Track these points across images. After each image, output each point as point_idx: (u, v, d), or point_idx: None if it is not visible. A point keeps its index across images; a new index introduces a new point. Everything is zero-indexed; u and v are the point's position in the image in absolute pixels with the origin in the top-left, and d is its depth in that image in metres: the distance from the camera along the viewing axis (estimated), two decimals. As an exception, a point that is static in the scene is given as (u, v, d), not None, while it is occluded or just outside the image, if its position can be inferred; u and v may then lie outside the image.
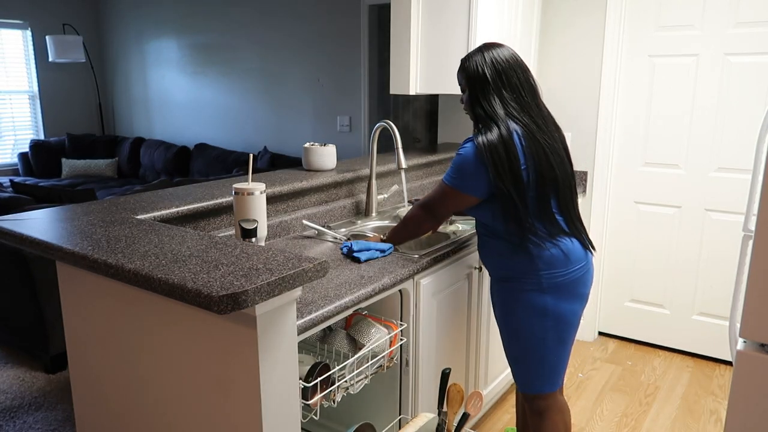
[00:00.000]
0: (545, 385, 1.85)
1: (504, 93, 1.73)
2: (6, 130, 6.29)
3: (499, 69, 1.74)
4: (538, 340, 1.79)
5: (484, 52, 1.77)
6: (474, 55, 1.79)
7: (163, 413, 1.47)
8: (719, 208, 3.02)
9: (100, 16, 6.67)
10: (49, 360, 2.97)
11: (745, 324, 1.32)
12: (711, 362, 3.16)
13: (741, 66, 2.84)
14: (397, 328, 1.84)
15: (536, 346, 1.80)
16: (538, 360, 1.82)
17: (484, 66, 1.75)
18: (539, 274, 1.74)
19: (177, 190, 2.09)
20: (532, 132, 1.71)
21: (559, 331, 1.79)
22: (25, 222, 1.57)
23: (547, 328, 1.78)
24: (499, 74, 1.74)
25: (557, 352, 1.81)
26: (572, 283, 1.77)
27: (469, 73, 1.78)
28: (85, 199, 3.56)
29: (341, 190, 2.53)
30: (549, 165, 1.71)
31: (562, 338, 1.80)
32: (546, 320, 1.77)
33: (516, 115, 1.72)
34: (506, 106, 1.72)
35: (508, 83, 1.74)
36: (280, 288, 1.17)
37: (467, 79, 1.79)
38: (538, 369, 1.83)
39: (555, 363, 1.83)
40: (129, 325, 1.48)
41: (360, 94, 4.80)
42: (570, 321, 1.80)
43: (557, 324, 1.78)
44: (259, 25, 5.26)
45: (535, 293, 1.75)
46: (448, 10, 2.74)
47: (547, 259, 1.73)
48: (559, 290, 1.76)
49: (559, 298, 1.76)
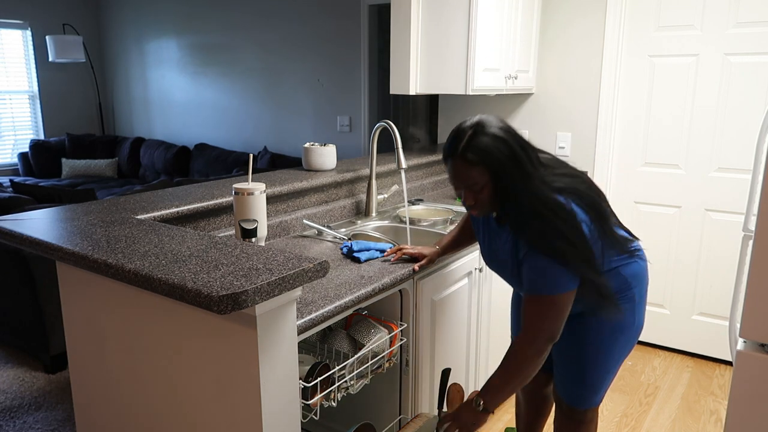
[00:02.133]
0: (601, 398, 1.81)
1: (535, 164, 1.48)
2: (6, 130, 6.28)
3: (518, 140, 1.48)
4: (619, 357, 1.72)
5: (486, 131, 1.45)
6: (481, 136, 1.44)
7: (164, 413, 1.47)
8: (719, 208, 3.02)
9: (100, 16, 6.67)
10: (49, 360, 2.97)
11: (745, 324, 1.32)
12: (711, 362, 3.16)
13: (741, 66, 2.84)
14: (397, 328, 1.84)
15: (614, 364, 1.73)
16: (610, 376, 1.75)
17: (506, 147, 1.44)
18: (632, 291, 1.66)
19: (177, 190, 2.09)
20: (576, 184, 1.53)
21: (635, 341, 1.74)
22: (25, 222, 1.57)
23: (629, 343, 1.71)
24: (522, 146, 1.47)
25: (620, 364, 1.77)
26: (647, 290, 1.73)
27: (494, 165, 1.44)
28: (85, 199, 3.56)
29: (341, 190, 2.53)
30: (598, 193, 1.58)
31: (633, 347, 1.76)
32: (633, 336, 1.70)
33: (559, 179, 1.51)
34: (546, 177, 1.48)
35: (529, 147, 1.50)
36: (280, 288, 1.17)
37: (495, 173, 1.44)
38: (606, 384, 1.77)
39: (615, 375, 1.79)
40: (129, 325, 1.48)
41: (360, 94, 4.80)
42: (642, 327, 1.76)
43: (637, 335, 1.72)
44: (259, 25, 5.26)
45: (630, 311, 1.67)
46: (448, 10, 2.74)
47: (635, 272, 1.66)
48: (643, 300, 1.70)
49: (641, 308, 1.71)
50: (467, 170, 1.45)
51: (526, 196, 1.44)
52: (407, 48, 2.84)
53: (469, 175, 1.45)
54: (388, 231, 2.46)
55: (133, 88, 6.55)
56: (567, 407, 1.83)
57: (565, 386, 1.80)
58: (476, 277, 2.28)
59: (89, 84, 6.75)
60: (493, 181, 1.45)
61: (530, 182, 1.44)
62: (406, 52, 2.85)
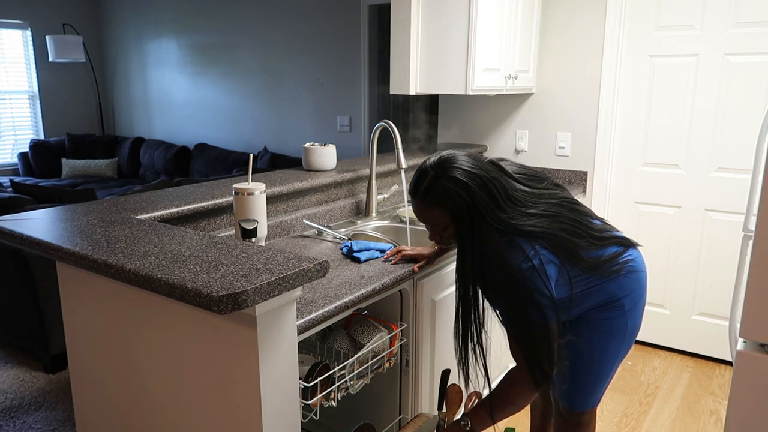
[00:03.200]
0: (598, 400, 1.81)
1: (502, 205, 1.46)
2: (6, 130, 6.29)
3: (483, 181, 1.45)
4: (612, 361, 1.72)
5: (441, 172, 1.46)
6: (434, 182, 1.46)
7: (164, 413, 1.47)
8: (719, 208, 3.02)
9: (100, 16, 6.67)
10: (49, 360, 2.97)
11: (745, 324, 1.32)
12: (711, 362, 3.16)
13: (741, 66, 2.84)
14: (397, 328, 1.84)
15: (608, 368, 1.74)
16: (605, 379, 1.76)
17: (465, 190, 1.44)
18: (621, 301, 1.65)
19: (177, 190, 2.09)
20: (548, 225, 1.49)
21: (629, 346, 1.74)
22: (25, 222, 1.57)
23: (622, 348, 1.71)
24: (487, 188, 1.45)
25: (617, 367, 1.78)
26: (644, 294, 1.72)
27: (452, 204, 1.45)
28: (85, 199, 3.56)
29: (341, 190, 2.53)
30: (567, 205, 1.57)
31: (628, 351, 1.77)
32: (624, 341, 1.71)
33: (529, 219, 1.48)
34: (515, 219, 1.46)
35: (497, 192, 1.47)
36: (280, 288, 1.17)
37: (453, 212, 1.46)
38: (601, 387, 1.78)
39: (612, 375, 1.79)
40: (129, 325, 1.48)
41: (360, 94, 4.80)
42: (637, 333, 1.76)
43: (631, 340, 1.73)
44: (259, 25, 5.26)
45: (620, 318, 1.66)
46: (448, 10, 2.74)
47: (622, 284, 1.64)
48: (637, 307, 1.70)
49: (636, 314, 1.71)
50: (428, 211, 1.49)
51: (484, 241, 1.44)
52: (407, 48, 2.84)
53: (430, 215, 1.49)
54: (388, 231, 2.46)
55: (133, 88, 6.55)
56: (564, 410, 1.84)
57: (561, 389, 1.81)
58: (476, 277, 2.28)
59: (89, 84, 6.75)
60: (454, 222, 1.47)
61: (487, 227, 1.44)
62: (406, 52, 2.85)
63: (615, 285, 1.64)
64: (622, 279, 1.65)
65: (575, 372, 1.75)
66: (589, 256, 1.58)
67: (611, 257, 1.64)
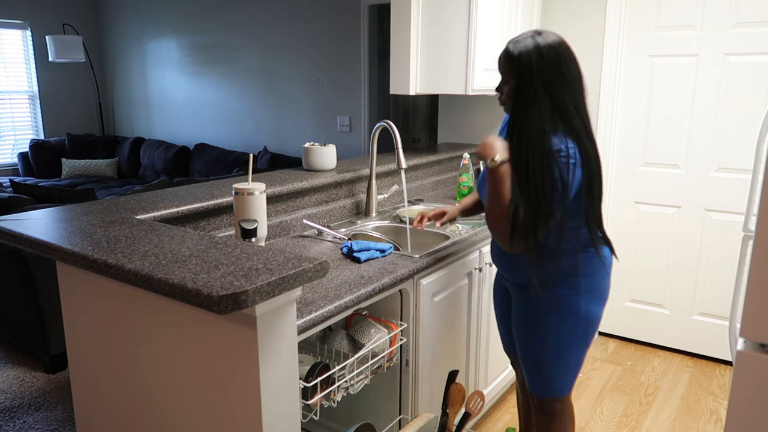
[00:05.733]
0: (565, 389, 1.84)
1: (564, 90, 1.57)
2: (6, 130, 6.28)
3: (556, 59, 1.55)
4: (568, 344, 1.77)
5: (538, 39, 1.56)
6: (526, 41, 1.57)
7: (164, 413, 1.47)
8: (719, 208, 3.02)
9: (100, 16, 6.67)
10: (49, 360, 2.97)
11: (745, 324, 1.32)
12: (711, 362, 3.16)
13: (741, 66, 2.84)
14: (397, 328, 1.84)
15: (565, 351, 1.78)
16: (564, 365, 1.80)
17: (541, 57, 1.54)
18: (579, 279, 1.71)
19: (177, 190, 2.09)
20: (587, 132, 1.61)
21: (587, 335, 1.78)
22: (25, 222, 1.57)
23: (577, 333, 1.76)
24: (559, 67, 1.56)
25: (581, 355, 1.81)
26: (604, 288, 1.78)
27: (522, 65, 1.56)
28: (85, 199, 3.56)
29: (341, 190, 2.53)
30: (599, 171, 1.66)
31: (588, 342, 1.80)
32: (579, 324, 1.75)
33: (571, 115, 1.59)
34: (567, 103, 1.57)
35: (567, 78, 1.57)
36: (280, 288, 1.17)
37: (520, 72, 1.57)
38: (562, 373, 1.81)
39: (576, 366, 1.82)
40: (129, 325, 1.48)
41: (360, 94, 4.80)
42: (596, 325, 1.80)
43: (587, 328, 1.77)
44: (259, 25, 5.26)
45: (573, 298, 1.73)
46: (448, 10, 2.74)
47: (588, 263, 1.72)
48: (594, 293, 1.75)
49: (591, 301, 1.75)
50: (503, 62, 1.62)
51: (534, 106, 1.55)
52: (407, 48, 2.84)
53: (502, 66, 1.63)
54: (388, 231, 2.46)
55: (133, 88, 6.55)
56: (536, 399, 1.89)
57: (527, 377, 1.87)
58: (476, 277, 2.28)
59: (89, 84, 6.75)
60: (515, 81, 1.58)
61: (542, 98, 1.54)
62: (406, 52, 2.85)
63: (583, 258, 1.71)
64: (591, 256, 1.72)
65: (535, 355, 1.81)
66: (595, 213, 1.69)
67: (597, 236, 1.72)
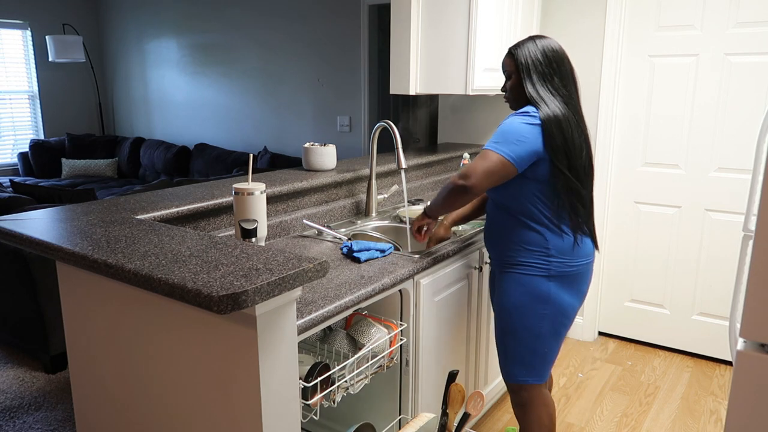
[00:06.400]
0: (532, 377, 1.87)
1: (555, 80, 1.77)
2: (6, 130, 6.29)
3: (550, 57, 1.78)
4: (534, 327, 1.82)
5: (536, 41, 1.80)
6: (525, 42, 1.82)
7: (164, 413, 1.47)
8: (719, 208, 3.02)
9: (100, 16, 6.67)
10: (49, 360, 2.97)
11: (745, 324, 1.32)
12: (711, 362, 3.16)
13: (741, 66, 2.84)
14: (397, 328, 1.84)
15: (531, 333, 1.82)
16: (530, 349, 1.84)
17: (537, 53, 1.78)
18: (549, 260, 1.77)
19: (177, 190, 2.09)
20: (577, 122, 1.77)
21: (556, 323, 1.82)
22: (25, 222, 1.57)
23: (544, 317, 1.80)
24: (551, 62, 1.78)
25: (549, 344, 1.84)
26: (576, 276, 1.81)
27: (520, 58, 1.80)
28: (85, 199, 3.56)
29: (341, 190, 2.53)
30: (588, 157, 1.78)
31: (557, 331, 1.83)
32: (546, 308, 1.80)
33: (565, 103, 1.76)
34: (558, 91, 1.77)
35: (558, 71, 1.78)
36: (280, 288, 1.17)
37: (517, 65, 1.80)
38: (528, 358, 1.85)
39: (545, 354, 1.85)
40: (129, 325, 1.48)
41: (360, 94, 4.80)
42: (567, 314, 1.83)
43: (555, 314, 1.81)
44: (259, 25, 5.26)
45: (541, 279, 1.79)
46: (448, 10, 2.74)
47: (560, 246, 1.77)
48: (563, 280, 1.79)
49: (562, 288, 1.79)
50: (506, 60, 1.85)
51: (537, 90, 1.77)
52: (407, 48, 2.84)
53: (505, 64, 1.86)
54: (388, 231, 2.46)
55: (133, 88, 6.55)
56: (507, 384, 1.95)
57: (500, 360, 1.94)
58: (476, 277, 2.28)
59: (89, 84, 6.75)
60: (519, 72, 1.80)
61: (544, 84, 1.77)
62: (406, 52, 2.85)
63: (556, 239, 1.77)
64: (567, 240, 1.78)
65: (504, 336, 1.87)
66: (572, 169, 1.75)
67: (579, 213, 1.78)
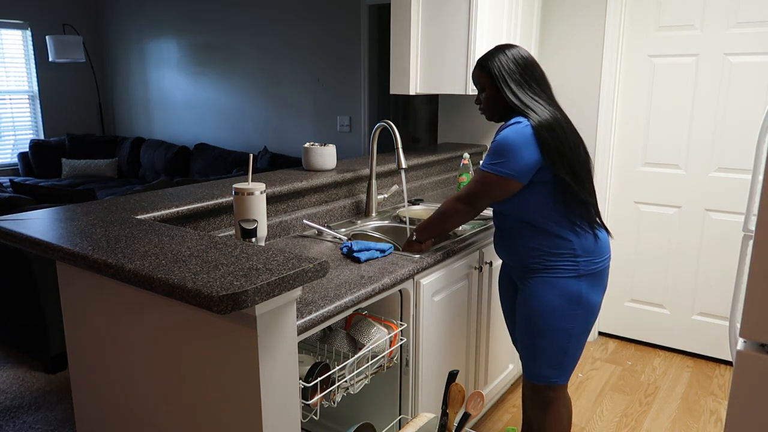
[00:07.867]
0: (561, 377, 1.84)
1: (533, 86, 1.77)
2: (6, 130, 6.28)
3: (522, 64, 1.77)
4: (566, 329, 1.79)
5: (505, 51, 1.79)
6: (494, 53, 1.79)
7: (163, 413, 1.47)
8: (719, 208, 3.02)
9: (100, 16, 6.67)
10: (49, 360, 2.97)
11: (745, 324, 1.32)
12: (711, 362, 3.16)
13: (741, 66, 2.84)
14: (397, 328, 1.84)
15: (562, 335, 1.79)
16: (562, 350, 1.81)
17: (509, 62, 1.76)
18: (577, 260, 1.75)
19: (177, 190, 2.09)
20: (566, 120, 1.76)
21: (586, 321, 1.80)
22: (25, 222, 1.57)
23: (576, 317, 1.78)
24: (524, 69, 1.77)
25: (579, 343, 1.82)
26: (602, 273, 1.81)
27: (493, 69, 1.78)
28: (85, 199, 3.56)
29: (341, 190, 2.53)
30: (585, 153, 1.78)
31: (587, 329, 1.82)
32: (578, 308, 1.77)
33: (550, 105, 1.76)
34: (539, 96, 1.76)
35: (533, 77, 1.77)
36: (280, 288, 1.17)
37: (491, 77, 1.78)
38: (560, 359, 1.82)
39: (574, 354, 1.83)
40: (129, 325, 1.48)
41: (360, 94, 4.80)
42: (595, 312, 1.82)
43: (586, 313, 1.79)
44: (259, 25, 5.26)
45: (572, 280, 1.76)
46: (448, 11, 2.74)
47: (584, 245, 1.76)
48: (593, 279, 1.78)
49: (591, 286, 1.78)
50: (476, 73, 1.83)
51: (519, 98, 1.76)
52: (407, 48, 2.84)
53: (476, 77, 1.84)
54: (388, 231, 2.46)
55: (133, 88, 6.55)
56: (528, 384, 1.91)
57: (523, 362, 1.90)
58: (476, 276, 2.28)
59: (89, 84, 6.74)
60: (494, 83, 1.78)
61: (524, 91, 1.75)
62: (406, 52, 2.85)
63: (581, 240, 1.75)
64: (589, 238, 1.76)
65: (532, 338, 1.83)
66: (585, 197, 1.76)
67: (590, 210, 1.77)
